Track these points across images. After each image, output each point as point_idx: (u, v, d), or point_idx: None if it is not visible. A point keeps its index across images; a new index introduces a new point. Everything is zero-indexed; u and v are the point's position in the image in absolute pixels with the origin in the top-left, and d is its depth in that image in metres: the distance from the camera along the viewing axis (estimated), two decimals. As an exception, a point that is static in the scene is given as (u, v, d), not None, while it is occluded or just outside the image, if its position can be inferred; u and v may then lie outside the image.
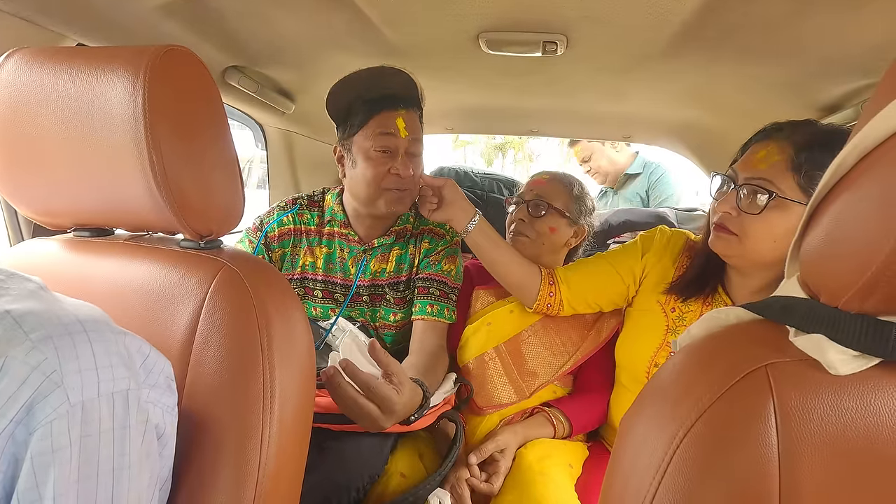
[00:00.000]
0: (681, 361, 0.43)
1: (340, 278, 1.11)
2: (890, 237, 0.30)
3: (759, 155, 0.78)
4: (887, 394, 0.33)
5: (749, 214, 0.76)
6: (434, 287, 1.08)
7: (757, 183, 0.75)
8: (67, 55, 0.53)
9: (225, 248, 0.61)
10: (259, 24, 0.97)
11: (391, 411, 0.71)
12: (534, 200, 1.12)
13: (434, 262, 1.10)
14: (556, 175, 1.17)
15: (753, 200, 0.76)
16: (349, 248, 1.11)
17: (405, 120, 1.00)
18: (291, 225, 1.11)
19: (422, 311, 1.06)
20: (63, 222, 0.64)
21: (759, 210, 0.75)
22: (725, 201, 0.79)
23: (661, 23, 0.85)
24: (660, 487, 0.36)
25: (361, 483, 0.84)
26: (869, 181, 0.33)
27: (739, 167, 0.80)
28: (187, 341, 0.53)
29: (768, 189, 0.74)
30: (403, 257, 1.12)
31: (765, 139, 0.80)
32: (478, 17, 0.89)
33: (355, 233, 1.10)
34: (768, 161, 0.76)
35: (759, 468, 0.34)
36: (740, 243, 0.78)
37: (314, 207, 1.13)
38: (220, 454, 0.50)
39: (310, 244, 1.11)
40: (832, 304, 0.36)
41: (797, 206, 0.73)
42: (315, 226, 1.12)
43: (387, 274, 1.12)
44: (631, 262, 1.00)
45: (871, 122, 0.32)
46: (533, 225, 1.11)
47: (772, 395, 0.35)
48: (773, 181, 0.74)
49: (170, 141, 0.51)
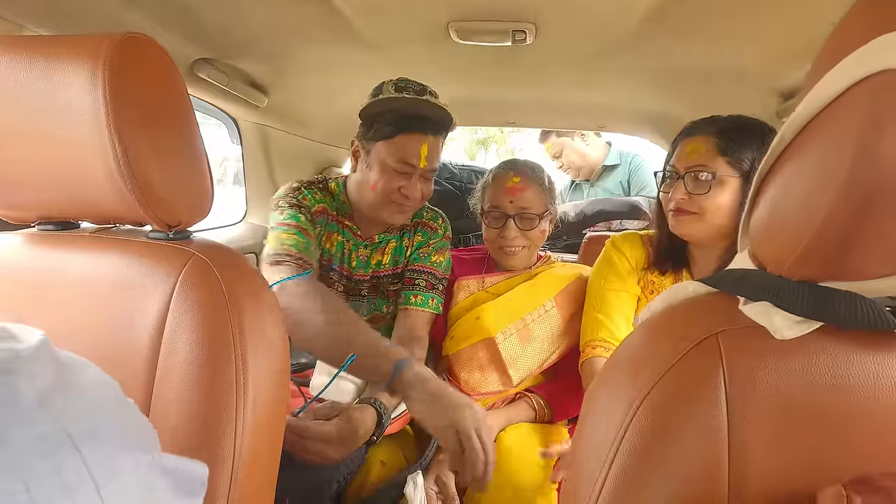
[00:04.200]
0: (640, 334, 0.45)
1: (345, 269, 1.11)
2: (822, 203, 0.32)
3: (689, 148, 0.93)
4: (826, 354, 0.35)
5: (700, 195, 0.90)
6: (420, 278, 1.09)
7: (697, 169, 0.90)
8: (24, 44, 0.52)
9: (194, 237, 0.61)
10: (227, 16, 0.96)
11: (335, 444, 0.77)
12: (520, 214, 1.10)
13: (424, 254, 1.12)
14: (524, 174, 1.12)
15: (699, 184, 0.90)
16: (354, 241, 1.11)
17: (429, 147, 0.99)
18: (324, 203, 1.07)
19: (407, 301, 1.08)
20: (27, 216, 0.63)
21: (707, 189, 0.90)
22: (677, 190, 0.93)
23: (626, 10, 0.87)
24: (618, 452, 0.37)
25: (341, 476, 0.85)
26: (803, 156, 0.34)
27: (676, 162, 0.95)
28: (157, 331, 0.53)
29: (709, 171, 0.89)
30: (398, 249, 1.14)
31: (690, 135, 0.95)
32: (447, 6, 0.90)
33: (357, 227, 1.11)
34: (699, 151, 0.91)
35: (709, 429, 0.35)
36: (700, 220, 0.91)
37: (327, 192, 1.09)
38: (194, 442, 0.50)
39: (328, 229, 1.09)
40: (777, 272, 0.38)
41: (733, 179, 0.89)
42: (334, 211, 1.09)
43: (383, 266, 1.13)
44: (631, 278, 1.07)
45: (804, 101, 0.34)
46: (526, 236, 1.12)
47: (721, 360, 0.36)
48: (708, 165, 0.89)
49: (133, 130, 0.50)
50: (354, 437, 0.80)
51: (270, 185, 1.70)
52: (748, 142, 0.88)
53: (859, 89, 0.30)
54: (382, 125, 0.98)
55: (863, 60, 0.30)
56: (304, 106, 1.52)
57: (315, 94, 1.44)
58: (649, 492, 0.36)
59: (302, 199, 1.03)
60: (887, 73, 0.29)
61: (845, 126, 0.30)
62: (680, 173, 0.93)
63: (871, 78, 0.29)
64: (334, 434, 0.77)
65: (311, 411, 0.82)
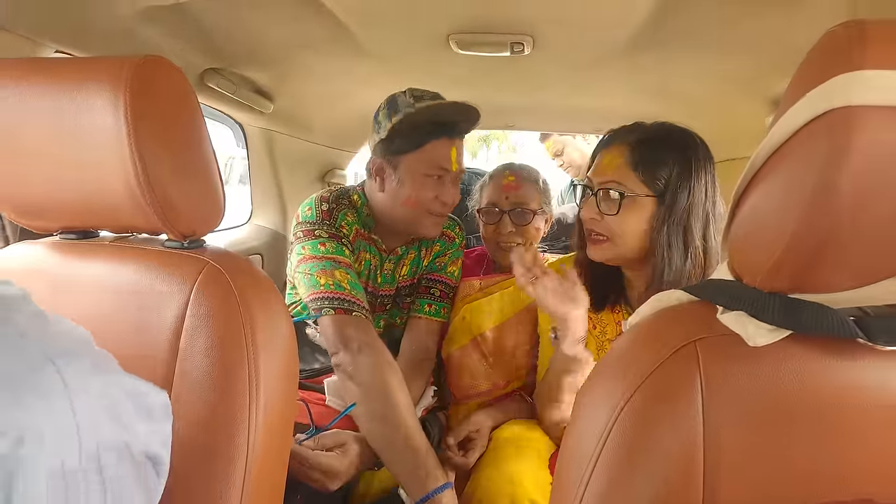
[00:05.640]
0: (627, 340, 0.48)
1: (370, 286, 1.09)
2: (790, 223, 0.35)
3: (605, 160, 0.85)
4: (793, 360, 0.38)
5: (610, 216, 0.82)
6: (436, 287, 1.12)
7: (608, 185, 0.82)
8: (48, 66, 0.55)
9: (207, 246, 0.64)
10: (236, 28, 0.99)
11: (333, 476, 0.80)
12: (515, 209, 1.14)
13: (441, 264, 1.14)
14: (519, 173, 1.18)
15: (609, 203, 0.82)
16: (379, 256, 1.09)
17: (457, 150, 0.99)
18: (356, 225, 1.03)
19: (420, 309, 1.10)
20: (49, 226, 0.66)
21: (616, 210, 0.81)
22: (588, 208, 0.86)
23: (620, 23, 0.90)
24: (602, 451, 0.40)
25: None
26: (775, 175, 0.37)
27: (592, 174, 0.87)
28: (175, 336, 0.56)
29: (619, 190, 0.81)
30: (416, 260, 1.14)
31: (607, 145, 0.87)
32: (447, 19, 0.92)
33: (382, 240, 1.08)
34: (613, 164, 0.83)
35: (685, 433, 0.38)
36: (613, 245, 0.84)
37: (352, 209, 1.04)
38: (210, 441, 0.53)
39: (360, 248, 1.05)
40: (752, 284, 0.41)
41: (646, 199, 0.81)
42: (361, 227, 1.05)
43: (404, 278, 1.14)
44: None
45: (777, 124, 0.37)
46: (521, 233, 1.15)
47: (699, 367, 0.39)
48: (621, 181, 0.81)
49: (152, 147, 0.53)
50: (353, 469, 0.82)
51: (275, 188, 1.73)
52: (665, 156, 0.80)
53: (821, 122, 0.33)
54: (407, 137, 0.95)
55: (825, 95, 0.33)
56: (307, 111, 1.55)
57: (318, 100, 1.47)
58: (632, 491, 0.38)
59: (340, 227, 0.99)
60: (844, 110, 0.32)
61: (808, 156, 0.33)
62: (593, 188, 0.85)
63: (831, 113, 0.32)
64: (334, 468, 0.80)
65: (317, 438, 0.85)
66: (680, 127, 0.86)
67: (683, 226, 0.81)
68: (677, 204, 0.80)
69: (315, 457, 0.80)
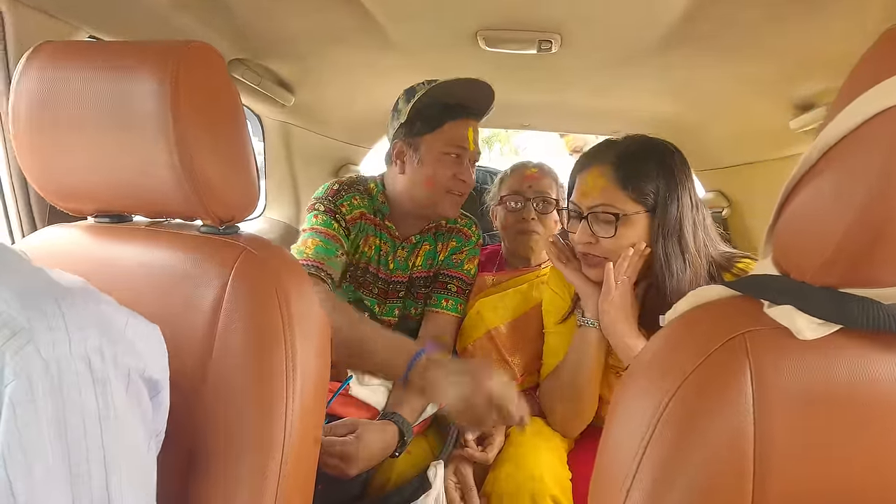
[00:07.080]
0: (667, 335, 0.48)
1: (382, 272, 1.12)
2: (845, 219, 0.35)
3: (588, 185, 0.85)
4: (845, 355, 0.39)
5: (606, 238, 0.83)
6: (453, 283, 1.13)
7: (600, 209, 0.83)
8: (95, 50, 0.56)
9: (242, 233, 0.64)
10: (265, 19, 0.99)
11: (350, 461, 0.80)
12: (538, 197, 1.17)
13: (458, 260, 1.15)
14: (541, 167, 1.24)
15: (604, 226, 0.83)
16: (391, 242, 1.12)
17: (474, 131, 1.05)
18: (361, 209, 1.06)
19: (437, 304, 1.11)
20: (84, 208, 0.66)
21: (613, 232, 0.82)
22: (581, 233, 0.86)
23: (650, 23, 0.90)
24: (647, 449, 0.40)
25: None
26: (829, 173, 0.38)
27: (578, 199, 0.87)
28: (212, 321, 0.56)
29: (612, 212, 0.82)
30: (431, 253, 1.16)
31: (585, 168, 0.87)
32: (477, 15, 0.93)
33: (396, 227, 1.11)
34: (598, 187, 0.83)
35: (735, 425, 0.38)
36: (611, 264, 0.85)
37: (366, 195, 1.08)
38: (245, 424, 0.53)
39: (367, 233, 1.09)
40: (800, 279, 0.41)
41: (639, 216, 0.82)
42: (372, 214, 1.09)
43: (418, 268, 1.15)
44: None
45: (832, 123, 0.37)
46: (542, 221, 1.17)
47: (748, 358, 0.40)
48: (611, 204, 0.82)
49: (194, 133, 0.54)
50: (370, 455, 0.83)
51: (290, 181, 1.73)
52: (649, 169, 0.82)
53: (883, 118, 0.33)
54: (427, 118, 1.01)
55: (886, 92, 0.34)
56: (327, 105, 1.55)
57: (339, 93, 1.48)
58: (679, 486, 0.38)
59: (340, 204, 1.03)
60: None
61: (867, 153, 0.34)
62: (582, 213, 0.85)
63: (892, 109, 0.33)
64: (351, 453, 0.80)
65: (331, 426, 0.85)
66: (653, 137, 0.87)
67: (677, 235, 0.82)
68: (668, 215, 0.82)
69: (330, 443, 0.81)
